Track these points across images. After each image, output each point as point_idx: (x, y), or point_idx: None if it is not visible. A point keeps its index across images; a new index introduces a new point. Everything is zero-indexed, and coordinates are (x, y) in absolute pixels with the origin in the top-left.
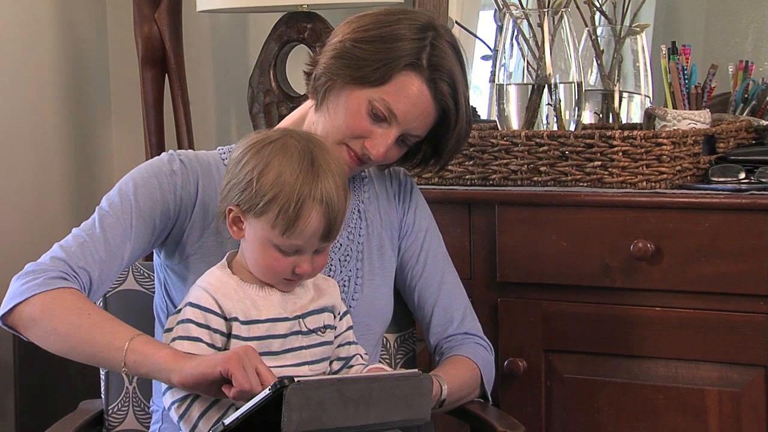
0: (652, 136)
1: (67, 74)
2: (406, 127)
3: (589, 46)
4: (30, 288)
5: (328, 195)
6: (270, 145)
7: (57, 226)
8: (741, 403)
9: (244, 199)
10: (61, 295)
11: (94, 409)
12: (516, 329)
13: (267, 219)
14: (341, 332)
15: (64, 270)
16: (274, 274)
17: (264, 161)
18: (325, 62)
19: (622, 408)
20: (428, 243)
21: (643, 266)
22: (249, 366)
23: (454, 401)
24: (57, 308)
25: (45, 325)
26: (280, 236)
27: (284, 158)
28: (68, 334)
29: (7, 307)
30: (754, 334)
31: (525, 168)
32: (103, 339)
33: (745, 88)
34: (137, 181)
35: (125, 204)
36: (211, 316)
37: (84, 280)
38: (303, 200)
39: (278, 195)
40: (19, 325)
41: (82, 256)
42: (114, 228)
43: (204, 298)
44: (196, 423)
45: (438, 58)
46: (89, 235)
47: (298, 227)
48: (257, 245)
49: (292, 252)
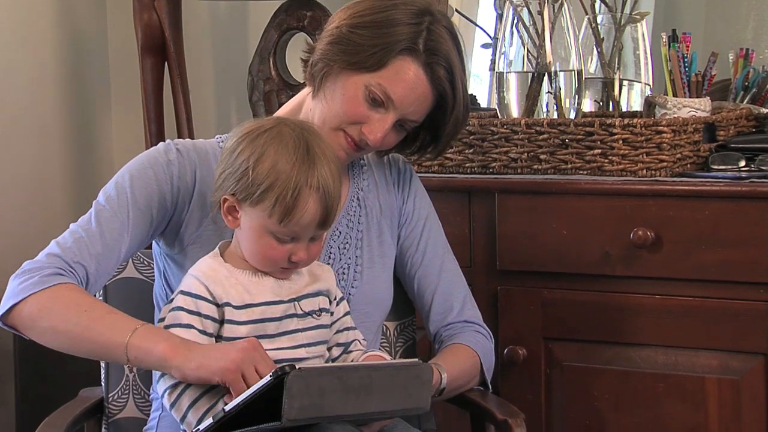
0: (653, 124)
1: (66, 62)
2: (403, 112)
3: (590, 33)
4: (27, 287)
5: (324, 182)
6: (265, 133)
7: (57, 214)
8: (741, 391)
9: (240, 189)
10: (58, 291)
11: (94, 397)
12: (516, 317)
13: (264, 207)
14: (338, 318)
15: (60, 266)
16: (271, 262)
17: (259, 150)
18: (322, 48)
19: (622, 396)
20: (428, 231)
21: (643, 254)
22: (248, 371)
23: (454, 389)
24: (54, 306)
25: (44, 324)
26: (277, 224)
27: (279, 146)
28: (67, 332)
29: (5, 307)
30: (754, 322)
31: (525, 156)
32: (103, 336)
33: (746, 76)
34: (133, 173)
35: (122, 197)
36: (201, 302)
37: (80, 274)
38: (300, 188)
39: (275, 183)
40: (18, 325)
41: (77, 251)
42: (111, 221)
43: (195, 286)
44: (185, 413)
45: (435, 42)
46: (85, 230)
47: (296, 215)
48: (253, 234)
49: (288, 240)
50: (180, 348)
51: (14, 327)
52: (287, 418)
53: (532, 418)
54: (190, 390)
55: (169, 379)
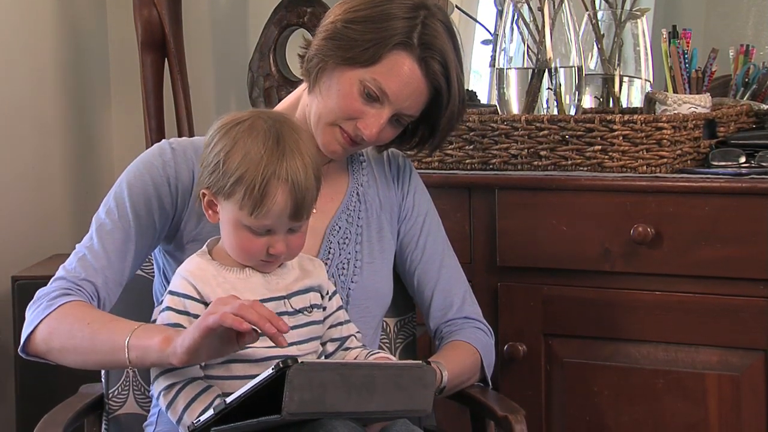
0: (653, 121)
1: (66, 58)
2: (399, 106)
3: (590, 30)
4: (37, 315)
5: (293, 174)
6: (237, 126)
7: (57, 210)
8: (741, 387)
9: (213, 182)
10: (63, 311)
11: (95, 393)
12: (516, 313)
13: (235, 200)
14: (331, 312)
15: (66, 287)
16: (249, 255)
17: (231, 142)
18: (317, 44)
19: (622, 392)
20: (428, 227)
21: (643, 250)
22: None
23: (454, 387)
24: (61, 326)
25: (55, 345)
26: (249, 216)
27: (249, 138)
28: (76, 348)
29: (23, 339)
30: (753, 318)
31: (525, 152)
32: (105, 345)
33: (746, 72)
34: (131, 181)
35: (121, 208)
36: (189, 301)
37: (89, 290)
38: (268, 179)
39: (244, 175)
40: (38, 353)
41: (82, 269)
42: (112, 234)
43: (183, 285)
44: (181, 415)
45: (429, 36)
46: (87, 247)
47: (264, 207)
48: (230, 227)
49: (263, 232)
50: (173, 335)
51: (36, 355)
52: (287, 412)
53: (532, 414)
54: (185, 391)
55: (163, 380)
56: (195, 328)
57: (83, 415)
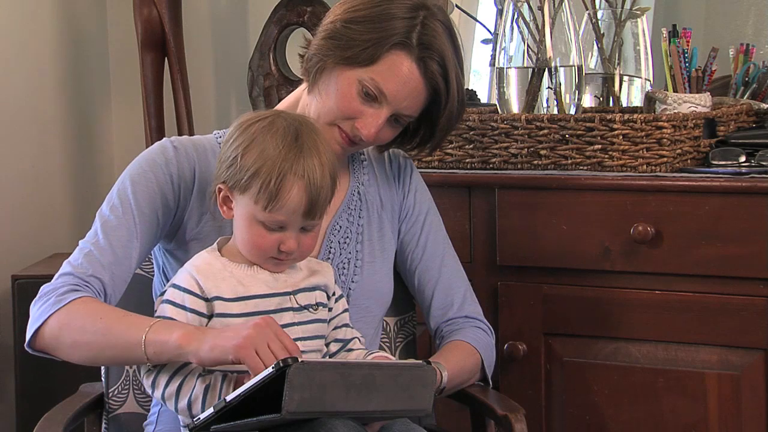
0: (653, 120)
1: (66, 58)
2: (397, 106)
3: (590, 29)
4: (45, 310)
5: (310, 171)
6: (257, 123)
7: (57, 210)
8: (741, 386)
9: (230, 176)
10: (74, 307)
11: (95, 392)
12: (516, 312)
13: (251, 194)
14: (337, 314)
15: (74, 282)
16: (260, 251)
17: (249, 138)
18: (317, 43)
19: (622, 391)
20: (428, 226)
21: (644, 249)
22: (261, 347)
23: (454, 387)
24: (72, 321)
25: (66, 341)
26: (263, 211)
27: (268, 135)
28: (88, 343)
29: (30, 333)
30: (754, 317)
31: (525, 152)
32: (121, 339)
33: (746, 72)
34: (134, 178)
35: (125, 204)
36: (187, 296)
37: (96, 286)
38: (284, 174)
39: (260, 169)
40: (46, 348)
41: (89, 265)
42: (117, 230)
43: (186, 280)
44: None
45: (428, 37)
46: (93, 243)
47: (279, 201)
48: (244, 222)
49: (276, 228)
50: (194, 333)
51: (43, 351)
52: (287, 410)
53: (532, 413)
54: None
55: (165, 374)
56: (225, 349)
57: (83, 414)
